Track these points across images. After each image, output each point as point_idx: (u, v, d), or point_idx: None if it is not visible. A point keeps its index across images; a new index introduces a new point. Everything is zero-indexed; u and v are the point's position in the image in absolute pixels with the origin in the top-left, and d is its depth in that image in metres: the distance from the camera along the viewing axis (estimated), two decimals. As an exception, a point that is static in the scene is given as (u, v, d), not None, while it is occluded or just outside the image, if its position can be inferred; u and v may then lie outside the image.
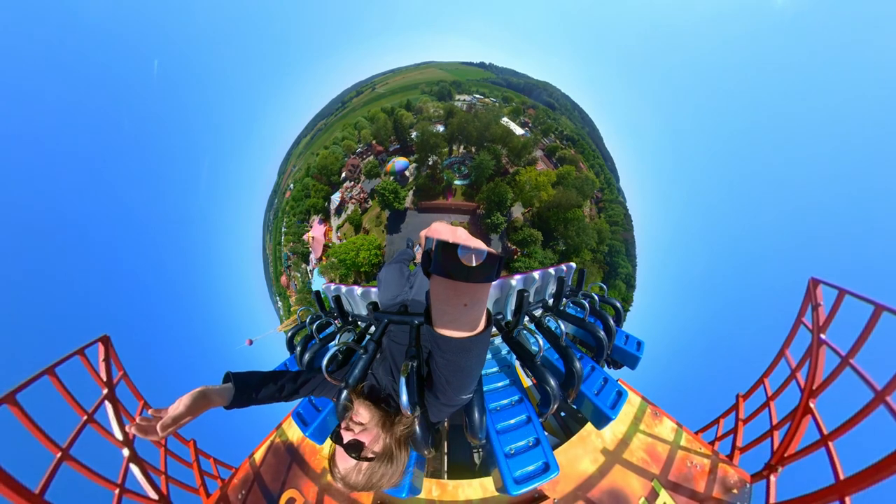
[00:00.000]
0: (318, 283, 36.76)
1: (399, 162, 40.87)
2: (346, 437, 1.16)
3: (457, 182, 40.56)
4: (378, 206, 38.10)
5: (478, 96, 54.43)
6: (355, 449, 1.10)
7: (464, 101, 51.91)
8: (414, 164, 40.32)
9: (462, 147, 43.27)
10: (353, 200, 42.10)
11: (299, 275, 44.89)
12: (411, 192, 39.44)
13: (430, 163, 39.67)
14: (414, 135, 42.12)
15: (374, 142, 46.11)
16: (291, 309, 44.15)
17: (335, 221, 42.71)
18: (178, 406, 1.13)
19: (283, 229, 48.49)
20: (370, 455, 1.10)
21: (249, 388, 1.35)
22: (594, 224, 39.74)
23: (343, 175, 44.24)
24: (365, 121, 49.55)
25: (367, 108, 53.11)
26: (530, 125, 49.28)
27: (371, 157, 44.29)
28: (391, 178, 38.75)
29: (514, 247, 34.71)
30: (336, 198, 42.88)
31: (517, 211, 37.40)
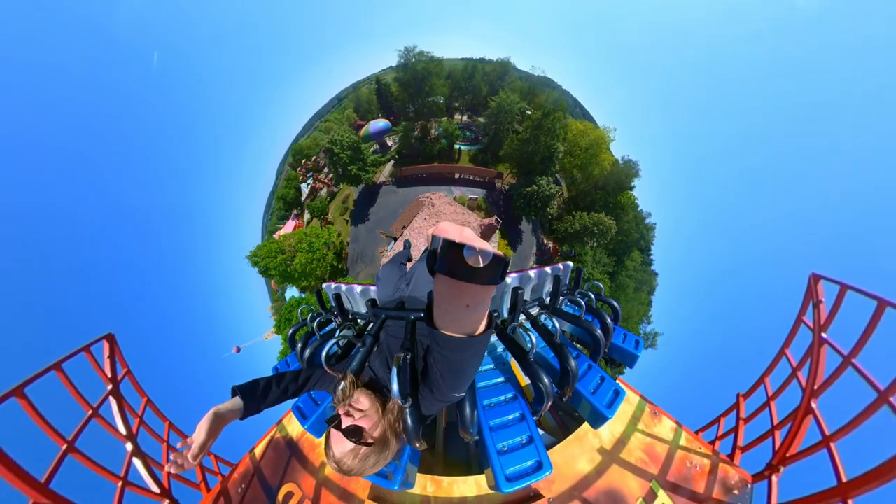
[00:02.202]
0: (291, 290, 31.26)
1: (376, 123, 29.28)
2: (346, 422, 1.18)
3: (461, 146, 28.01)
4: (334, 176, 25.18)
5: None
6: (355, 434, 1.13)
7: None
8: (400, 134, 27.83)
9: (466, 115, 33.21)
10: (320, 184, 33.60)
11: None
12: (391, 164, 27.56)
13: (421, 124, 26.99)
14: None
15: (356, 119, 39.29)
16: (272, 317, 37.57)
17: (308, 215, 34.61)
18: (200, 434, 1.19)
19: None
20: (369, 440, 1.14)
21: (257, 398, 1.41)
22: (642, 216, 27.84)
23: (320, 162, 36.11)
24: (349, 101, 44.77)
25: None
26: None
27: (345, 126, 34.42)
28: (367, 144, 26.50)
29: (551, 244, 23.13)
30: (305, 186, 34.64)
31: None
